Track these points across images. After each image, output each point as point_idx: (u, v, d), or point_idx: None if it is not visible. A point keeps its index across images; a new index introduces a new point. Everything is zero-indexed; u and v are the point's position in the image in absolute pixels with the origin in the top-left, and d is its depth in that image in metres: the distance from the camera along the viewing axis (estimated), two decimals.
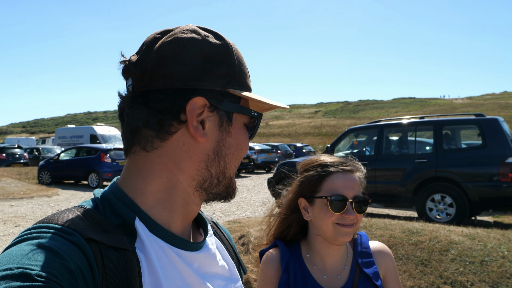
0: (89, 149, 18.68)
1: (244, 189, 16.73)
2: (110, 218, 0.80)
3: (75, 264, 0.66)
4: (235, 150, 0.91)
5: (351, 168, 1.62)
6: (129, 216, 0.81)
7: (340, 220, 1.54)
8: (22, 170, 20.87)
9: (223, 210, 11.53)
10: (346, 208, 1.53)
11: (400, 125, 9.82)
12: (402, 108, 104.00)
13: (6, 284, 0.58)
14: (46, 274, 0.61)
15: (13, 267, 0.61)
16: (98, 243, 0.72)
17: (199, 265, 0.88)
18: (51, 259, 0.63)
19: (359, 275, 1.58)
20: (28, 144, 38.99)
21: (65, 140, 30.30)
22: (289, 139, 66.23)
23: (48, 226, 0.71)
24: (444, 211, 8.34)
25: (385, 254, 1.66)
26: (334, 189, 1.57)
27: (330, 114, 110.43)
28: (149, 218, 0.83)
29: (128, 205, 0.83)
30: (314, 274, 1.60)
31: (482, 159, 8.06)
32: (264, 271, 1.65)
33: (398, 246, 4.96)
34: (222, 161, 0.88)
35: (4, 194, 14.35)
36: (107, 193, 0.86)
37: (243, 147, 0.92)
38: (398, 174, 9.02)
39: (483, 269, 4.43)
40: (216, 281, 0.92)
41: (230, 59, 0.87)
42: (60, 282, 0.62)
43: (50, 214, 0.76)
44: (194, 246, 0.89)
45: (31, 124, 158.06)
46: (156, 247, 0.81)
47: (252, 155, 25.07)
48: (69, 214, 0.76)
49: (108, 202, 0.83)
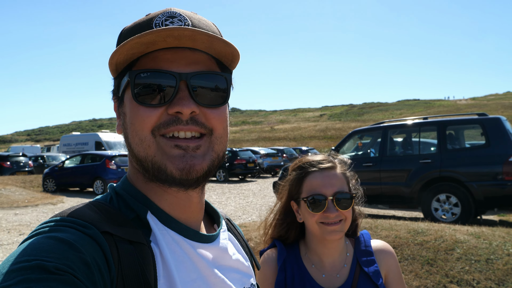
0: (94, 156, 18.69)
1: (250, 193, 16.72)
2: (124, 212, 0.82)
3: (91, 257, 0.66)
4: (129, 126, 0.83)
5: (330, 165, 1.60)
6: (141, 210, 0.82)
7: (324, 219, 1.52)
8: (26, 178, 20.89)
9: (229, 215, 11.48)
10: (326, 206, 1.51)
11: (404, 126, 9.81)
12: (407, 110, 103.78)
13: (24, 276, 0.58)
14: (63, 266, 0.61)
15: (30, 259, 0.61)
16: (113, 236, 0.73)
17: (214, 258, 0.88)
18: (67, 252, 0.64)
19: (359, 274, 1.56)
20: (33, 152, 39.05)
21: (70, 148, 30.37)
22: (295, 142, 66.23)
23: (65, 219, 0.72)
24: (450, 211, 8.32)
25: (387, 253, 1.63)
26: (312, 189, 1.56)
27: (335, 117, 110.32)
28: (161, 211, 0.85)
29: (140, 199, 0.85)
30: (312, 273, 1.59)
31: (485, 158, 8.05)
32: (262, 271, 1.64)
33: (403, 246, 4.95)
34: (127, 144, 0.85)
35: (9, 203, 14.35)
36: (120, 188, 0.88)
37: (132, 119, 0.82)
38: (403, 175, 9.01)
39: (488, 267, 4.42)
40: (231, 274, 0.92)
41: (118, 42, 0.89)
42: (76, 274, 0.62)
43: (66, 208, 0.78)
44: (207, 238, 0.89)
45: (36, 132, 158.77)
46: (169, 240, 0.82)
47: (257, 160, 25.04)
48: (85, 208, 0.78)
49: (121, 197, 0.86)
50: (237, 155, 22.92)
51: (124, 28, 0.89)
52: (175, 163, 0.78)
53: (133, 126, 0.81)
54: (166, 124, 0.78)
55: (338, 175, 1.58)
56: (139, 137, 0.80)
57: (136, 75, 0.79)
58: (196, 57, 0.82)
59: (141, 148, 0.80)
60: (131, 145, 0.82)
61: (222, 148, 0.86)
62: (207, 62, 0.84)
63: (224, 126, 0.86)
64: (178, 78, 0.79)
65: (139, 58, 0.81)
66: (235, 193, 17.08)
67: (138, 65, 0.81)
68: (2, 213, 12.69)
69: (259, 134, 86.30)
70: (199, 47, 0.81)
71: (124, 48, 0.77)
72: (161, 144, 0.79)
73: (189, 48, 0.81)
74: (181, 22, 0.82)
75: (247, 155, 23.38)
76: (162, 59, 0.80)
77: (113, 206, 0.83)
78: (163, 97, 0.79)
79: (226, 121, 0.87)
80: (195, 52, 0.82)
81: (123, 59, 0.80)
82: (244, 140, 78.41)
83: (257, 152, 27.13)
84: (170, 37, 0.76)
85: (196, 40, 0.78)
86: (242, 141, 76.75)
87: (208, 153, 0.82)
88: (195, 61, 0.82)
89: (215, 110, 0.83)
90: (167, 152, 0.79)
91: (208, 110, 0.82)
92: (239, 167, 22.59)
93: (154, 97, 0.79)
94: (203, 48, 0.82)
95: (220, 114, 0.84)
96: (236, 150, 23.68)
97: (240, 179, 23.97)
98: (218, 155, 0.85)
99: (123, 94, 0.85)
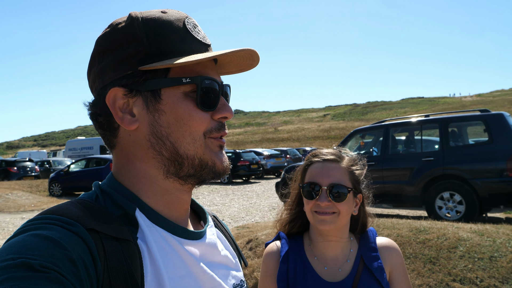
0: (99, 159, 18.81)
1: (253, 195, 16.73)
2: (110, 210, 0.82)
3: (76, 254, 0.66)
4: (178, 126, 0.84)
5: (333, 158, 1.63)
6: (129, 207, 0.83)
7: (317, 208, 1.56)
8: (33, 183, 21.06)
9: (232, 216, 11.54)
10: (319, 195, 1.55)
11: (406, 124, 9.77)
12: (411, 108, 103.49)
13: (9, 274, 0.58)
14: (48, 264, 0.61)
15: (15, 257, 0.61)
16: (99, 233, 0.73)
17: (202, 254, 0.89)
18: (52, 249, 0.64)
19: (362, 269, 1.57)
20: (40, 157, 39.29)
21: (76, 152, 30.52)
22: (298, 143, 66.20)
23: (49, 217, 0.72)
24: (454, 209, 8.27)
25: (392, 250, 1.64)
26: (311, 177, 1.61)
27: (338, 117, 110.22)
28: (149, 208, 0.85)
29: (128, 196, 0.85)
30: (314, 265, 1.61)
31: (489, 155, 7.99)
32: (265, 262, 1.69)
33: (405, 245, 4.93)
34: (167, 142, 0.84)
35: (16, 207, 14.51)
36: (106, 185, 0.88)
37: (187, 120, 0.84)
38: (405, 174, 8.97)
39: (492, 265, 4.39)
40: (220, 270, 0.92)
41: (135, 37, 0.83)
42: (62, 271, 0.62)
43: (52, 206, 0.78)
44: (195, 235, 0.90)
45: (42, 137, 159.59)
46: (157, 237, 0.82)
47: (261, 161, 25.06)
48: (70, 205, 0.78)
49: (108, 194, 0.86)
50: (241, 157, 22.93)
51: (144, 17, 0.84)
52: (221, 159, 0.89)
53: (186, 126, 0.84)
54: (217, 128, 0.87)
55: (340, 168, 1.60)
56: (193, 136, 0.85)
57: (203, 80, 0.84)
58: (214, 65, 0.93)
59: (193, 146, 0.85)
60: (177, 143, 0.84)
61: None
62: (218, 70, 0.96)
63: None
64: (221, 87, 0.89)
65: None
66: (239, 194, 17.10)
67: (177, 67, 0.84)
68: (10, 217, 12.81)
69: (262, 136, 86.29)
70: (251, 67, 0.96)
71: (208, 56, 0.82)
72: (208, 143, 0.87)
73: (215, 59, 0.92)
74: (201, 32, 0.90)
75: (250, 157, 23.39)
76: (207, 66, 0.88)
77: (99, 203, 0.83)
78: (212, 103, 0.87)
79: None
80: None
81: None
82: (248, 141, 78.35)
83: (261, 153, 27.13)
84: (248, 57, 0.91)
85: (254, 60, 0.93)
86: (245, 142, 76.66)
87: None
88: (215, 70, 0.92)
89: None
90: (213, 150, 0.88)
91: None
92: (242, 169, 22.59)
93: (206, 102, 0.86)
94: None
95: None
96: (240, 152, 23.71)
97: (243, 181, 23.99)
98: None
99: (158, 91, 0.84)
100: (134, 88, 0.83)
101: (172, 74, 0.84)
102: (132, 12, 0.85)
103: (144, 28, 0.82)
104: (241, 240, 6.05)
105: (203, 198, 16.15)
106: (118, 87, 0.83)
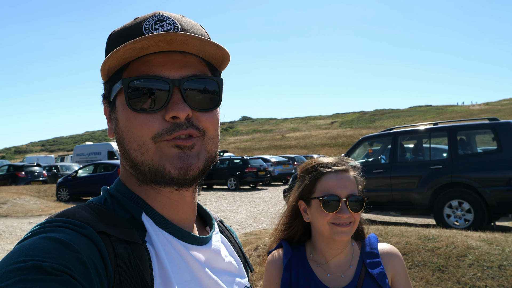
0: (107, 165, 18.87)
1: (261, 201, 16.70)
2: (119, 213, 0.83)
3: (87, 256, 0.66)
4: (126, 133, 0.83)
5: (344, 168, 1.64)
6: (136, 211, 0.84)
7: (336, 220, 1.56)
8: (41, 188, 21.15)
9: (239, 223, 11.53)
10: (340, 207, 1.55)
11: (414, 132, 9.74)
12: (419, 116, 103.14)
13: (20, 276, 0.58)
14: (59, 266, 0.61)
15: (26, 259, 0.61)
16: (109, 236, 0.74)
17: (206, 260, 0.89)
18: (63, 252, 0.64)
19: (364, 275, 1.58)
20: (47, 162, 39.50)
21: (83, 157, 30.67)
22: (306, 150, 66.28)
23: (60, 220, 0.73)
24: (462, 217, 8.21)
25: (393, 256, 1.65)
26: (327, 189, 1.59)
27: (346, 125, 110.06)
28: (155, 212, 0.86)
29: (135, 201, 0.86)
30: (317, 273, 1.62)
31: (498, 163, 7.94)
32: (268, 270, 1.70)
33: (414, 253, 4.90)
34: (123, 150, 0.86)
35: (23, 212, 14.58)
36: (113, 190, 0.90)
37: (130, 127, 0.82)
38: (414, 182, 8.93)
39: (501, 273, 4.35)
40: (224, 276, 0.92)
41: (105, 51, 0.90)
42: (73, 274, 0.62)
43: (62, 210, 0.79)
44: (200, 240, 0.90)
45: (50, 142, 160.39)
46: (163, 241, 0.83)
47: (268, 167, 25.05)
48: (80, 209, 0.79)
49: (116, 199, 0.87)
50: (248, 163, 22.94)
51: (112, 32, 0.90)
52: (173, 163, 0.80)
53: (130, 133, 0.82)
54: (169, 131, 0.80)
55: (351, 178, 1.63)
56: (138, 143, 0.81)
57: (130, 82, 0.80)
58: (187, 60, 0.84)
59: (139, 153, 0.81)
60: (128, 150, 0.83)
61: (214, 148, 0.88)
62: (198, 65, 0.86)
63: (216, 128, 0.88)
64: (171, 84, 0.80)
65: (130, 62, 0.83)
66: (246, 201, 17.07)
67: (129, 69, 0.83)
68: (17, 222, 12.87)
69: (270, 142, 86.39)
70: (190, 50, 0.83)
71: (117, 54, 0.78)
72: (161, 146, 0.80)
73: (180, 51, 0.82)
74: (170, 25, 0.83)
75: (258, 163, 23.38)
76: (154, 63, 0.81)
77: (108, 207, 0.84)
78: (158, 103, 0.80)
79: (217, 123, 0.89)
80: (186, 55, 0.84)
81: (115, 64, 0.82)
82: (255, 148, 78.49)
83: (268, 160, 27.16)
84: (162, 41, 0.77)
85: (187, 44, 0.80)
86: (253, 149, 76.81)
87: (202, 153, 0.84)
88: (186, 64, 0.83)
89: (207, 113, 0.85)
90: (166, 152, 0.80)
91: (200, 113, 0.84)
92: (250, 175, 22.60)
93: (148, 103, 0.80)
94: (194, 52, 0.84)
95: (212, 116, 0.86)
96: (247, 158, 23.70)
97: (251, 187, 23.95)
98: (211, 155, 0.87)
99: (115, 99, 0.86)
100: (107, 99, 0.91)
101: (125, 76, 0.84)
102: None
103: (108, 41, 0.89)
104: (248, 246, 6.06)
105: (210, 204, 16.16)
106: (104, 99, 0.92)
